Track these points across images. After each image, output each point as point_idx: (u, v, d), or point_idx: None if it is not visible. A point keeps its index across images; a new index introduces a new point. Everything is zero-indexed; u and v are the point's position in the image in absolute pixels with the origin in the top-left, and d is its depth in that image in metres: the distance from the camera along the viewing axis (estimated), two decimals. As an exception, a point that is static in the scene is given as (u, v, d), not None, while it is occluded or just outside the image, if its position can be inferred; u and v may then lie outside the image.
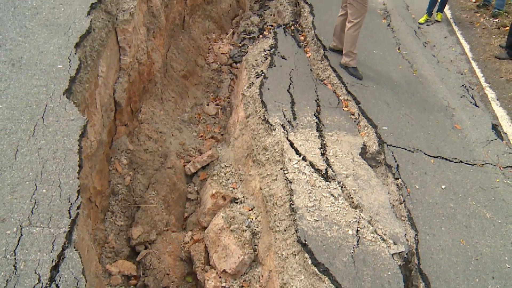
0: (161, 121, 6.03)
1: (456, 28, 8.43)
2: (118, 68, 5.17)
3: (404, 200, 4.56)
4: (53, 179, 3.19)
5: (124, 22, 5.13)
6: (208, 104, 7.20)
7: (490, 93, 6.69)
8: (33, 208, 3.01)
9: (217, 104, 7.23)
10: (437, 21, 8.56)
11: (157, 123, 5.93)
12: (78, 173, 3.29)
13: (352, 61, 6.39)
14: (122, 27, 5.12)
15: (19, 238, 2.85)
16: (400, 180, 4.80)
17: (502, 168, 5.30)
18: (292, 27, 7.76)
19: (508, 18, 8.46)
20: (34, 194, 3.08)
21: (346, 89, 6.12)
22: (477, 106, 6.35)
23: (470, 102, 6.41)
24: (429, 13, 8.82)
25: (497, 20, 8.58)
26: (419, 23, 8.84)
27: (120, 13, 5.14)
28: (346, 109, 5.88)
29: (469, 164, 5.30)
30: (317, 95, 6.02)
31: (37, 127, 3.48)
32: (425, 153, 5.30)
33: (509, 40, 7.35)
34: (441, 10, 8.66)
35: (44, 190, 3.11)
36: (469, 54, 7.61)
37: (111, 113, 4.89)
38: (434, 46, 7.72)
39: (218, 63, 8.06)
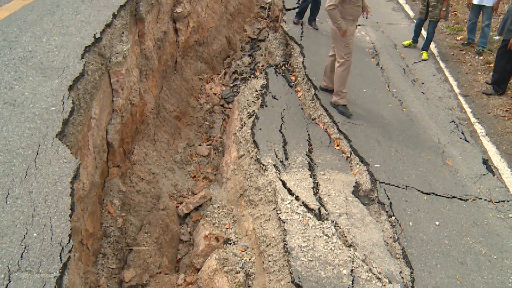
0: (153, 162, 6.03)
1: (443, 66, 8.59)
2: (111, 109, 5.20)
3: (398, 238, 4.54)
4: (45, 223, 3.16)
5: (117, 64, 5.20)
6: (200, 145, 7.22)
7: (479, 129, 6.77)
8: (23, 253, 2.97)
9: (209, 145, 7.26)
10: (423, 60, 8.74)
11: (150, 164, 5.93)
12: (70, 216, 3.26)
13: (342, 100, 6.52)
14: (115, 69, 5.18)
15: (7, 285, 2.80)
16: (393, 218, 4.79)
17: (494, 203, 5.31)
18: (283, 67, 7.89)
19: (492, 55, 8.65)
20: (24, 238, 3.04)
21: (338, 128, 6.18)
22: (467, 142, 6.41)
23: (460, 138, 6.48)
24: (415, 40, 9.26)
25: (481, 57, 8.78)
26: (403, 45, 9.28)
27: (113, 56, 5.21)
28: (337, 148, 5.92)
29: (462, 200, 5.32)
30: (308, 134, 6.07)
31: (29, 169, 3.47)
32: (417, 190, 5.32)
33: (494, 76, 7.52)
34: (426, 48, 8.88)
35: (35, 234, 3.08)
36: (457, 91, 7.73)
37: (103, 155, 4.89)
38: (423, 83, 7.84)
39: (210, 103, 8.13)
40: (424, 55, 8.84)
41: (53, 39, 4.96)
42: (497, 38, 9.29)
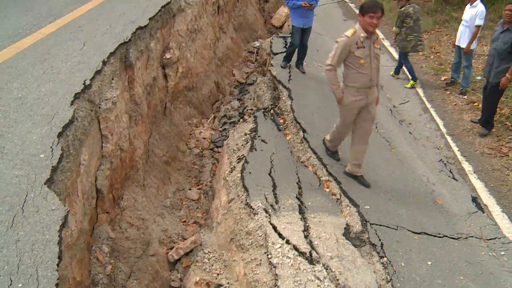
0: (143, 208, 5.99)
1: (429, 106, 8.75)
2: (100, 155, 5.20)
3: (390, 279, 4.51)
4: (31, 272, 3.09)
5: (107, 110, 5.24)
6: (190, 189, 7.20)
7: (467, 167, 6.84)
8: (8, 304, 2.90)
9: (199, 189, 7.24)
10: (411, 87, 9.12)
11: (139, 209, 5.89)
12: (58, 265, 3.20)
13: (330, 143, 6.42)
14: (105, 115, 5.21)
15: None
16: (385, 259, 4.77)
17: (486, 241, 5.31)
18: (272, 111, 7.97)
19: (475, 94, 8.85)
20: (9, 288, 2.98)
21: (327, 170, 6.21)
22: (456, 180, 6.46)
23: (449, 177, 6.53)
24: (396, 70, 10.00)
25: (465, 96, 8.97)
26: (391, 74, 9.92)
27: (103, 102, 5.25)
28: (327, 190, 5.93)
29: (453, 238, 5.31)
30: (298, 177, 6.08)
31: (16, 218, 3.42)
32: (408, 230, 5.31)
33: (483, 115, 7.65)
34: (412, 78, 9.59)
35: (20, 285, 3.01)
36: (444, 130, 7.85)
37: (92, 201, 4.86)
38: (410, 123, 7.96)
39: (200, 148, 8.15)
40: (410, 84, 9.60)
41: (43, 86, 5.00)
42: (479, 78, 9.53)
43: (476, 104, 8.57)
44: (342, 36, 5.32)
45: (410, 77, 9.73)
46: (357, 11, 15.17)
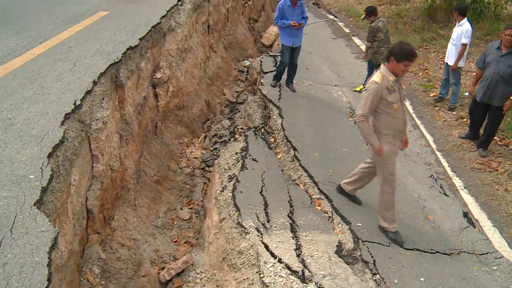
0: (134, 228, 5.94)
1: (419, 122, 8.80)
2: (91, 176, 5.17)
3: (383, 298, 4.49)
4: (20, 296, 3.05)
5: (97, 130, 5.22)
6: (181, 209, 7.16)
7: (458, 182, 6.87)
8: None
9: (190, 209, 7.20)
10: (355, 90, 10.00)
11: (130, 229, 5.84)
12: (47, 287, 3.16)
13: (390, 226, 5.51)
14: (95, 135, 5.20)
15: None
16: (378, 276, 4.76)
17: (478, 256, 5.32)
18: (262, 130, 7.99)
19: (464, 110, 8.94)
20: (-4, 313, 2.92)
21: (318, 188, 6.22)
22: (447, 196, 6.48)
23: (440, 192, 6.55)
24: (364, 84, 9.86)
25: (454, 112, 9.05)
26: (355, 90, 10.09)
27: (93, 122, 5.24)
28: (319, 208, 5.93)
29: (446, 254, 5.32)
30: (289, 196, 6.08)
31: (5, 240, 3.38)
32: (400, 246, 5.31)
33: (483, 136, 7.74)
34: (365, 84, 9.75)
35: (8, 309, 2.96)
36: (434, 146, 7.89)
37: (83, 221, 4.82)
38: (400, 140, 8.01)
39: (191, 167, 8.13)
40: (359, 88, 10.11)
41: (33, 106, 4.99)
42: (467, 94, 9.64)
43: (465, 120, 8.64)
44: (371, 83, 4.98)
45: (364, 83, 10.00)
46: (346, 30, 15.39)
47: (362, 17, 9.69)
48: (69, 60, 6.25)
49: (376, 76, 4.99)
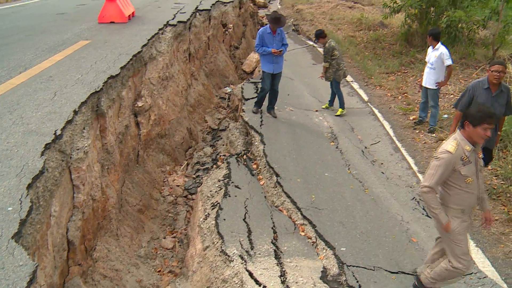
0: (116, 258, 5.86)
1: (399, 145, 8.88)
2: (72, 206, 5.11)
3: (369, 323, 4.46)
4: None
5: (78, 160, 5.18)
6: (165, 238, 7.09)
7: (439, 204, 6.92)
8: None
9: (174, 237, 7.13)
10: (339, 116, 10.19)
11: (113, 260, 5.75)
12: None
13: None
14: (76, 165, 5.15)
15: None
16: (363, 302, 4.73)
17: (462, 277, 5.31)
18: (245, 156, 8.00)
19: (443, 132, 9.07)
20: None
21: (301, 214, 6.21)
22: (429, 217, 6.50)
23: (422, 214, 6.57)
24: (330, 103, 10.54)
25: (434, 135, 9.17)
26: (322, 108, 10.42)
27: (74, 152, 5.20)
28: (303, 234, 5.91)
29: (430, 278, 5.30)
30: (273, 222, 6.06)
31: (-20, 275, 3.29)
32: (385, 270, 5.29)
33: None
34: (341, 106, 10.24)
35: None
36: (415, 168, 7.95)
37: (63, 253, 4.73)
38: (382, 163, 8.05)
39: (174, 195, 8.08)
40: (338, 112, 10.19)
41: (12, 136, 4.94)
42: (445, 116, 9.79)
43: (444, 141, 8.77)
44: (444, 152, 4.28)
45: (340, 106, 10.27)
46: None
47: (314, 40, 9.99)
48: (50, 90, 6.23)
49: (450, 145, 4.32)
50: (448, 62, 8.88)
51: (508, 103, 6.58)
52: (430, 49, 9.31)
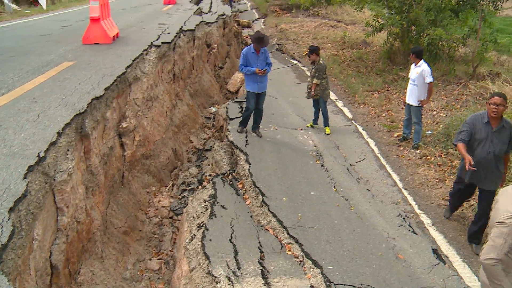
0: (101, 282, 5.77)
1: (384, 162, 8.94)
2: (56, 229, 5.04)
3: None
4: None
5: (62, 182, 5.13)
6: (150, 260, 7.01)
7: (425, 219, 6.95)
8: None
9: (160, 259, 7.05)
10: (326, 134, 10.20)
11: (98, 283, 5.67)
12: None
13: None
14: (60, 187, 5.10)
15: None
16: (351, 320, 4.71)
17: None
18: (230, 176, 7.99)
19: (427, 148, 9.17)
20: None
21: (288, 233, 6.19)
22: (416, 234, 6.53)
23: (409, 230, 6.59)
24: (315, 122, 10.57)
25: (418, 151, 9.27)
26: (307, 126, 10.49)
27: (58, 174, 5.15)
28: (289, 253, 5.89)
29: (418, 293, 5.31)
30: (259, 242, 6.04)
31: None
32: (373, 288, 5.29)
33: (477, 226, 6.34)
34: (327, 124, 10.33)
35: None
36: (400, 185, 8.00)
37: (46, 278, 4.65)
38: (367, 181, 8.09)
39: (159, 216, 8.02)
40: (327, 131, 10.25)
41: (-6, 160, 4.88)
42: (429, 132, 9.91)
43: (428, 157, 8.85)
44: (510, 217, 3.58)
45: (325, 124, 10.38)
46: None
47: (305, 53, 10.01)
48: (33, 111, 6.18)
49: None
50: (429, 79, 9.03)
51: (511, 140, 6.02)
52: (413, 66, 9.46)
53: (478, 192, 6.41)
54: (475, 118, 6.10)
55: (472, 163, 5.55)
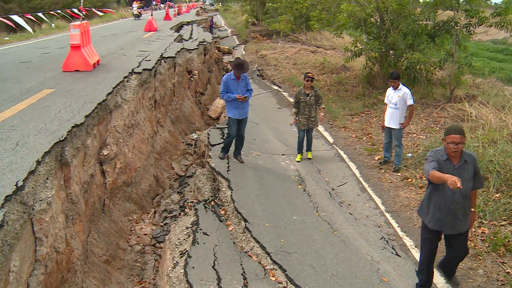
0: (81, 313, 5.66)
1: (366, 185, 8.98)
2: (34, 260, 4.94)
3: None
4: None
5: (41, 212, 5.05)
6: (132, 288, 6.90)
7: (408, 241, 6.95)
8: None
9: None
10: (309, 158, 10.22)
11: (77, 315, 5.55)
12: None
13: None
14: (39, 217, 5.02)
15: None
16: None
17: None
18: (212, 202, 7.96)
19: (408, 171, 9.24)
20: None
21: (271, 259, 6.16)
22: (399, 256, 6.53)
23: (392, 253, 6.60)
24: (301, 153, 10.28)
25: (399, 174, 9.34)
26: (297, 161, 10.16)
27: (37, 203, 5.07)
28: (273, 279, 5.85)
29: (403, 316, 5.29)
30: (242, 268, 5.99)
31: None
32: None
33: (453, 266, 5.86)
34: (309, 149, 10.32)
35: None
36: (382, 208, 8.03)
37: (25, 310, 4.55)
38: (350, 204, 8.11)
39: (141, 244, 7.92)
40: (309, 155, 10.33)
41: (-30, 190, 4.79)
42: (410, 155, 10.01)
43: (409, 180, 8.92)
44: None
45: (308, 149, 10.38)
46: (290, 99, 15.85)
47: (308, 80, 9.84)
48: (11, 140, 6.11)
49: None
50: (410, 102, 9.19)
51: (476, 175, 5.25)
52: (389, 90, 9.58)
53: (445, 239, 5.58)
54: (435, 155, 5.18)
55: (459, 183, 4.44)
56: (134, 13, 37.36)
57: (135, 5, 37.68)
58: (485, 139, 9.36)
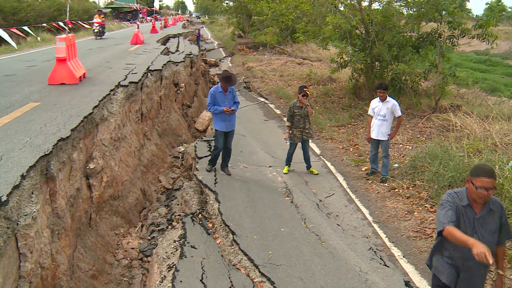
0: (67, 329, 5.57)
1: (353, 196, 9.00)
2: (17, 276, 4.86)
3: None
4: None
5: (26, 227, 4.99)
6: (119, 304, 6.83)
7: (396, 252, 6.97)
8: None
9: (129, 302, 6.88)
10: (315, 174, 10.14)
11: (63, 331, 5.47)
12: None
13: None
14: (23, 232, 4.96)
15: None
16: None
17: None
18: (200, 215, 7.92)
19: (395, 181, 9.29)
20: None
21: (259, 271, 6.13)
22: (387, 266, 6.54)
23: (380, 264, 6.61)
24: (288, 165, 10.26)
25: (386, 184, 9.39)
26: (284, 173, 10.12)
27: (21, 218, 5.01)
28: (262, 292, 5.83)
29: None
30: (231, 281, 5.95)
31: None
32: None
33: None
34: (310, 165, 10.23)
35: None
36: (370, 218, 8.05)
37: (9, 328, 4.47)
38: (337, 215, 8.11)
39: (128, 258, 7.85)
40: (314, 171, 10.18)
41: (-46, 206, 4.72)
42: (396, 165, 10.07)
43: (396, 190, 8.97)
44: None
45: (310, 165, 10.31)
46: (277, 111, 15.90)
47: (303, 95, 9.77)
48: (-5, 154, 6.05)
49: None
50: (399, 113, 9.30)
51: (503, 227, 4.24)
52: (375, 101, 9.65)
53: None
54: (453, 200, 4.16)
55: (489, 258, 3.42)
56: (95, 30, 27.03)
57: (96, 19, 26.77)
58: (470, 149, 9.47)
